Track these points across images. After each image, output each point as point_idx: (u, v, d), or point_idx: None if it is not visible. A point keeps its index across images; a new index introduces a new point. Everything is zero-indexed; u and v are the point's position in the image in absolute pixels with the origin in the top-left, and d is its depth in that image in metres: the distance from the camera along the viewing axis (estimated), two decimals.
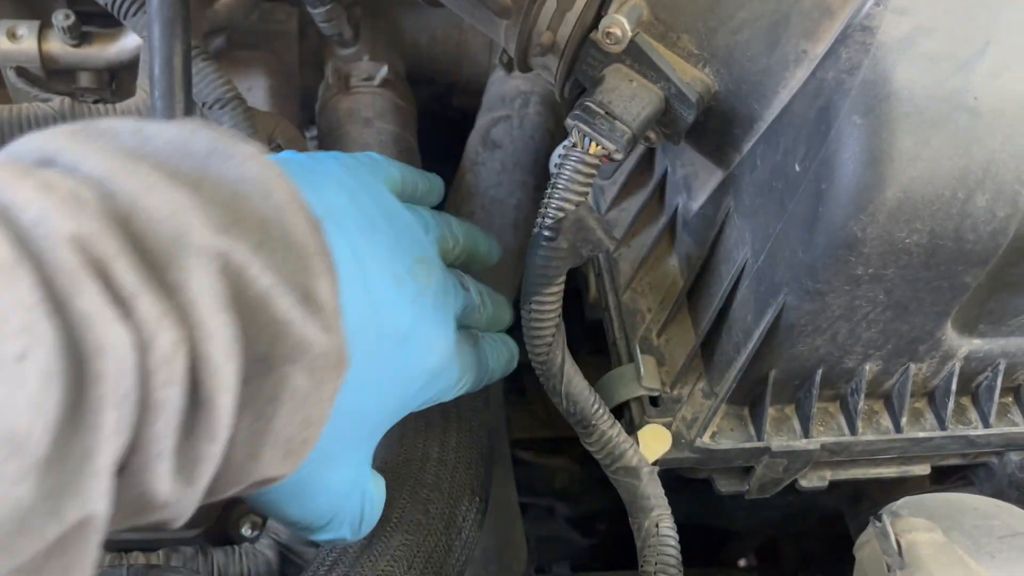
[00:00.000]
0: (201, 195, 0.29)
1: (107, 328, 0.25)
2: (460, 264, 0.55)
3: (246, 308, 0.29)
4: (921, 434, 0.54)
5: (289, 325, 0.30)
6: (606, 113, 0.46)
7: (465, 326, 0.52)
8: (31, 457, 0.24)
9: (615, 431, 0.51)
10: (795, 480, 0.57)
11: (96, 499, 0.26)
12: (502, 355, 0.54)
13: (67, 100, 0.66)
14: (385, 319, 0.44)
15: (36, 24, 0.72)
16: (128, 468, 0.28)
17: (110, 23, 0.73)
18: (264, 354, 0.30)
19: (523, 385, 0.98)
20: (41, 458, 0.24)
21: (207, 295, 0.28)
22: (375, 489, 0.49)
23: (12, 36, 0.72)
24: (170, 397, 0.27)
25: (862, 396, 0.52)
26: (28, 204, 0.26)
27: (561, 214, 0.46)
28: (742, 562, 1.09)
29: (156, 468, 0.28)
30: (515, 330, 0.55)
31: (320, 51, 0.83)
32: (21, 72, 0.70)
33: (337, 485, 0.45)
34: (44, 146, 0.29)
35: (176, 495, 0.29)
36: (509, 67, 0.84)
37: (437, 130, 0.88)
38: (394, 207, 0.49)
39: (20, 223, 0.26)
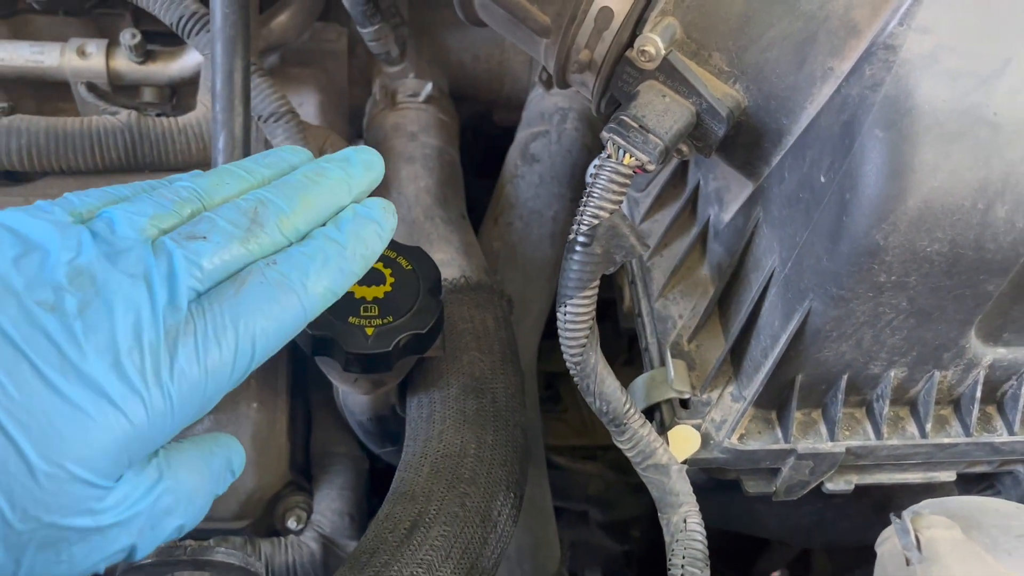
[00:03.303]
0: None
1: None
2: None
3: None
4: (946, 440, 0.55)
5: None
6: (640, 126, 0.48)
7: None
8: None
9: (646, 430, 0.53)
10: (821, 483, 0.59)
11: None
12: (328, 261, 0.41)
13: (133, 113, 0.71)
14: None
15: (104, 42, 0.77)
16: None
17: (173, 42, 0.77)
18: None
19: (558, 394, 1.00)
20: None
21: None
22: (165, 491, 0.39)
23: (82, 53, 0.77)
24: None
25: (887, 402, 0.54)
26: None
27: (596, 221, 0.48)
28: (775, 574, 1.09)
29: None
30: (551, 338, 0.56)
31: (368, 69, 0.87)
32: (91, 87, 0.75)
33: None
34: None
35: None
36: (548, 84, 0.87)
37: (479, 144, 0.91)
38: None
39: None
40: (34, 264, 0.36)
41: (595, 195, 0.48)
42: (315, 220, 0.42)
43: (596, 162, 0.49)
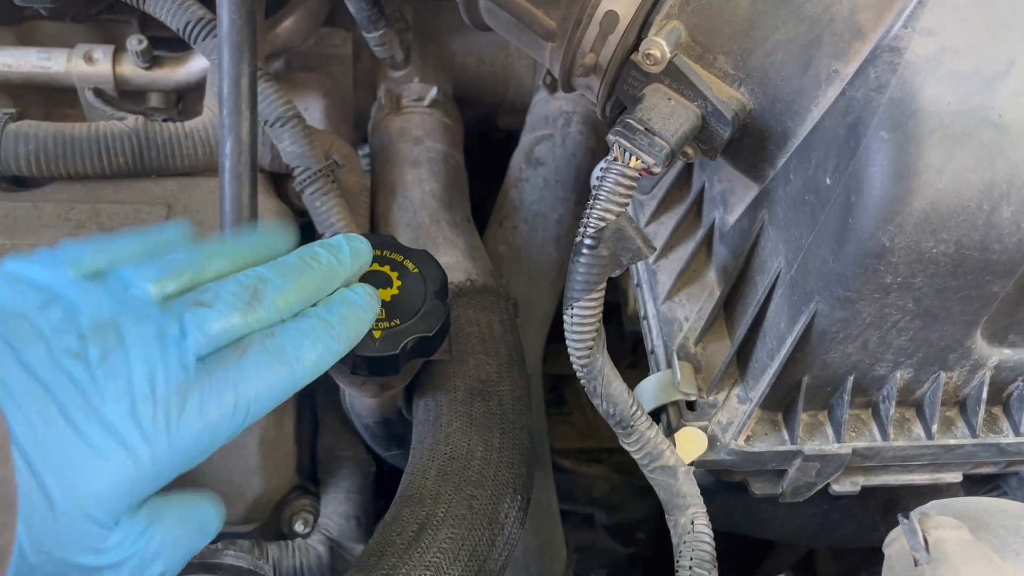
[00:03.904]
0: None
1: None
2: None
3: None
4: (952, 441, 0.55)
5: None
6: (645, 129, 0.48)
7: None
8: None
9: (653, 432, 0.53)
10: (828, 485, 0.59)
11: None
12: (318, 338, 0.45)
13: (140, 119, 0.71)
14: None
15: (111, 48, 0.78)
16: None
17: (179, 48, 0.78)
18: None
19: (563, 397, 1.01)
20: None
21: None
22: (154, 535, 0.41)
23: (89, 59, 0.77)
24: None
25: (893, 403, 0.54)
26: None
27: (602, 224, 0.48)
28: None
29: None
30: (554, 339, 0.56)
31: (373, 73, 0.87)
32: (98, 93, 0.75)
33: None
34: None
35: None
36: (552, 88, 0.88)
37: (483, 148, 0.92)
38: None
39: None
40: (58, 312, 0.40)
41: (601, 198, 0.48)
42: (307, 300, 0.46)
43: (602, 165, 0.49)
